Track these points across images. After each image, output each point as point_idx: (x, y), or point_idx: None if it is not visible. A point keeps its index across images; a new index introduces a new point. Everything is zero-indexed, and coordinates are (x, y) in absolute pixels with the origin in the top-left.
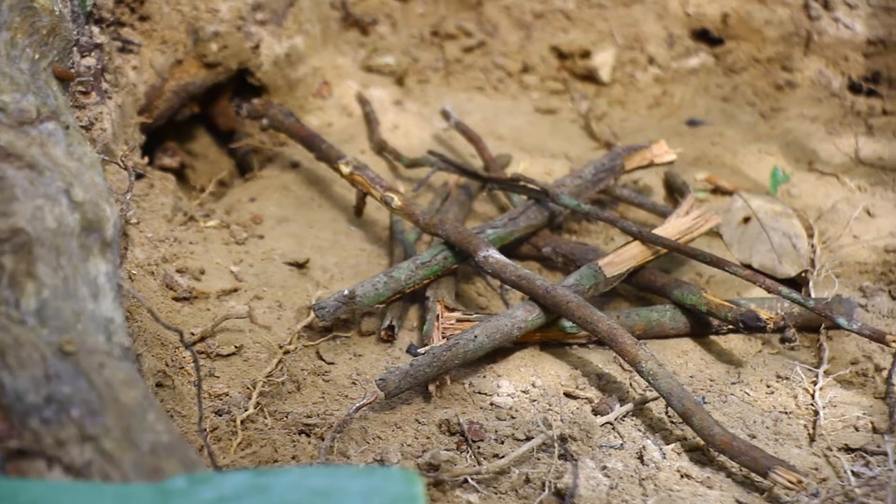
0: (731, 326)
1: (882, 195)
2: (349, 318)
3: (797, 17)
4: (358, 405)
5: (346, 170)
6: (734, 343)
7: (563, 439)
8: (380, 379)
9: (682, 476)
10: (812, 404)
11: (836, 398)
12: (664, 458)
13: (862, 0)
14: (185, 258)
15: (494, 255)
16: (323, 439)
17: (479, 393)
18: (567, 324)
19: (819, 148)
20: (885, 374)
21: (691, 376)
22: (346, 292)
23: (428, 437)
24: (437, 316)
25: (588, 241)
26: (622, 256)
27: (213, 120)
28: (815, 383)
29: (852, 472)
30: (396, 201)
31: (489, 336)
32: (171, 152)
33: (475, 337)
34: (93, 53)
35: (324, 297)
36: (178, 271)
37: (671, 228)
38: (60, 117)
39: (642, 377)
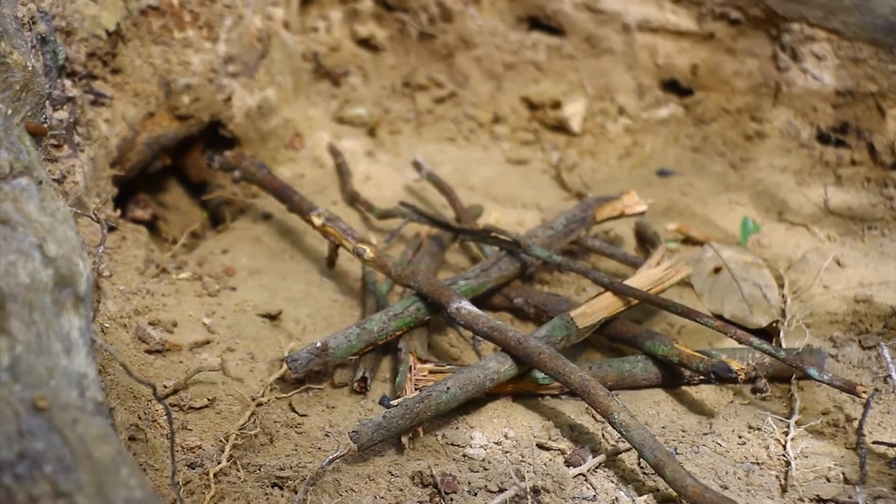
0: (702, 377)
1: (851, 245)
2: (322, 370)
3: (766, 68)
4: (331, 457)
5: (318, 221)
6: (706, 394)
7: (535, 491)
8: (353, 431)
9: None
10: (784, 455)
11: (807, 449)
12: None
13: (830, 52)
14: (157, 310)
15: (466, 306)
16: (296, 492)
17: (452, 444)
18: (539, 375)
19: (789, 198)
20: (856, 424)
21: (663, 427)
22: (318, 344)
23: (401, 490)
24: (410, 367)
25: (560, 291)
26: (594, 307)
27: (185, 172)
28: (786, 434)
29: None
30: (368, 253)
31: (462, 388)
32: (143, 204)
33: (448, 389)
34: (65, 107)
35: (296, 349)
36: (151, 324)
37: (642, 279)
38: (33, 172)
39: (615, 428)
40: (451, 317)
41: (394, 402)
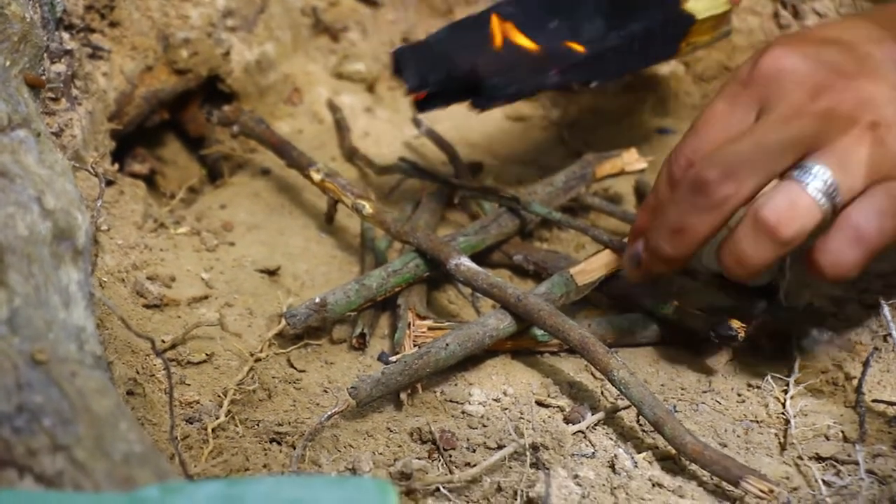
0: (702, 336)
1: None
2: (320, 326)
3: (767, 25)
4: (329, 413)
5: (317, 177)
6: (705, 351)
7: (534, 448)
8: (351, 387)
9: (653, 485)
10: (783, 413)
11: (806, 407)
12: (636, 466)
13: (831, 9)
14: (155, 265)
15: (466, 262)
16: (294, 447)
17: (451, 401)
18: (539, 332)
19: None
20: (855, 382)
21: (662, 385)
22: (317, 300)
23: (399, 446)
24: (409, 324)
25: (559, 248)
26: (593, 265)
27: (183, 126)
28: (785, 392)
29: (823, 481)
30: (368, 209)
31: (461, 344)
32: (141, 159)
33: (447, 345)
34: (63, 60)
35: (295, 305)
36: (149, 278)
37: None
38: (31, 124)
39: (614, 385)
40: (451, 273)
41: (392, 359)
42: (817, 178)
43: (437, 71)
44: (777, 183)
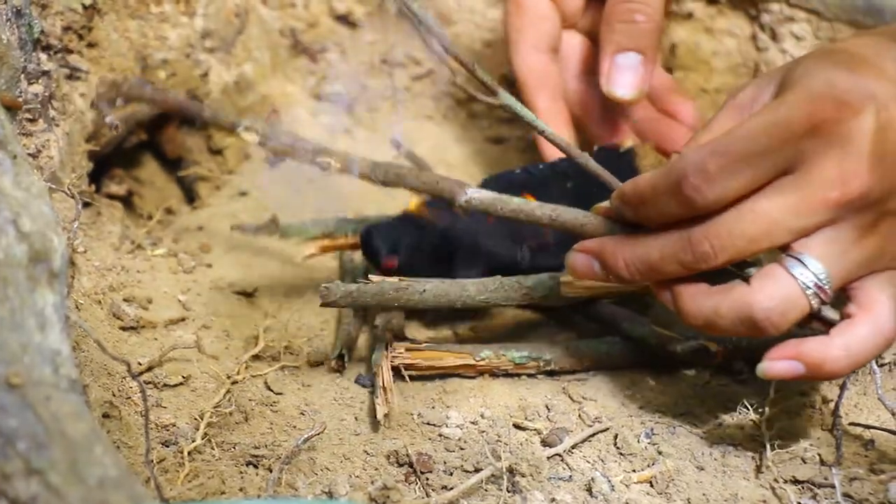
0: (680, 359)
1: None
2: (297, 352)
3: (745, 48)
4: (306, 436)
5: (250, 137)
6: (683, 375)
7: (511, 471)
8: (324, 286)
9: None
10: (759, 436)
11: (783, 430)
12: (613, 490)
13: (809, 32)
14: (132, 287)
15: (477, 193)
16: (271, 470)
17: (428, 424)
18: (517, 354)
19: None
20: (832, 406)
21: (640, 408)
22: (268, 218)
23: (376, 469)
24: (386, 345)
25: None
26: (582, 283)
27: (161, 147)
28: (762, 415)
29: None
30: (334, 165)
31: (436, 296)
32: (118, 180)
33: (424, 290)
34: (40, 80)
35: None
36: (126, 300)
37: None
38: (8, 146)
39: None
40: (466, 209)
41: (373, 278)
42: (809, 272)
43: (409, 236)
44: (767, 268)
